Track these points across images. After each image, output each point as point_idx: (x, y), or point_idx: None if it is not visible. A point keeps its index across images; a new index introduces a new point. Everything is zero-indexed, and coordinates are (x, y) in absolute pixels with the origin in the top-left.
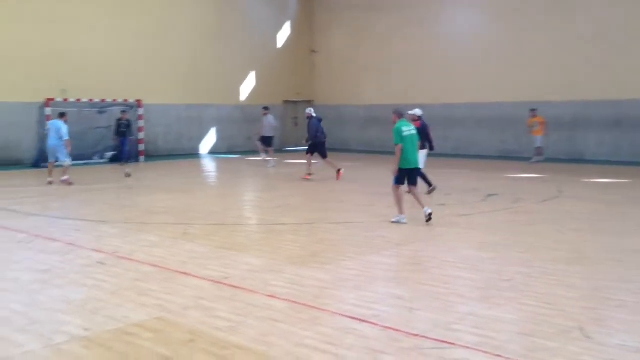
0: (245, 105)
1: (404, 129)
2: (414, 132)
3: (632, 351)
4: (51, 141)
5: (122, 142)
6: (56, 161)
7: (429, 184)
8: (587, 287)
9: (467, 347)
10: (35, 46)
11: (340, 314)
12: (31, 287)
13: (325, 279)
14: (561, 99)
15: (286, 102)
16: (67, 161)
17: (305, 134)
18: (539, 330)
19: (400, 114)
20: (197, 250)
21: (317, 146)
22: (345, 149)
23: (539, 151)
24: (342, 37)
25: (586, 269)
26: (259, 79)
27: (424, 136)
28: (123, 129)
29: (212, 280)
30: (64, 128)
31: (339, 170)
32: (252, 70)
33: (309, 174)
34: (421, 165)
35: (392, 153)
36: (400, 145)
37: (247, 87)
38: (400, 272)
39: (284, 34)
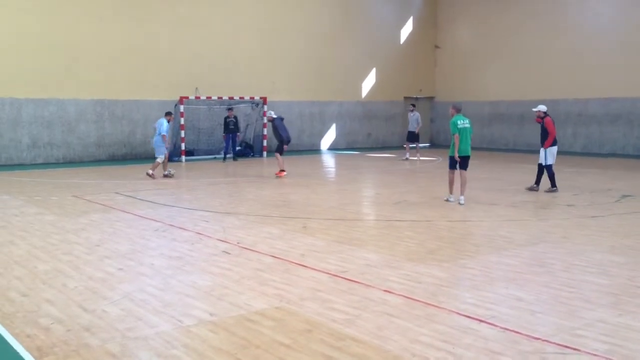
0: (365, 101)
1: (460, 122)
2: (468, 125)
3: None
4: (155, 137)
5: (229, 138)
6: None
7: (554, 184)
8: None
9: (594, 354)
10: (171, 48)
11: (457, 313)
12: (165, 272)
13: (442, 276)
14: None
15: (407, 98)
16: (160, 157)
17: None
18: None
19: (458, 109)
20: (316, 243)
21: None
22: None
23: None
24: (466, 31)
25: None
26: (379, 75)
27: (546, 132)
28: (232, 127)
29: (329, 273)
30: (164, 125)
31: (281, 171)
32: (373, 66)
33: (282, 171)
34: (552, 161)
35: (516, 150)
36: (456, 135)
37: (368, 83)
38: (522, 273)
39: (406, 29)
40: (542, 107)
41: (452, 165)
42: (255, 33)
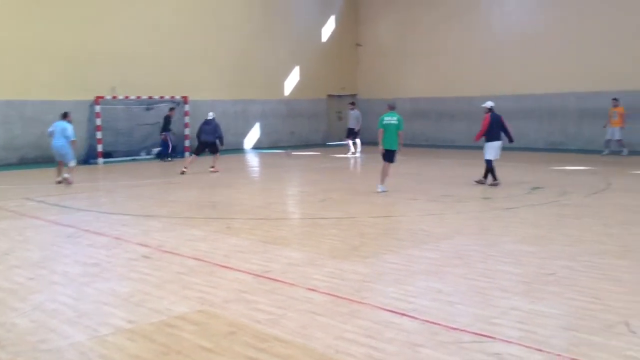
0: (289, 100)
1: (386, 118)
2: (395, 122)
3: None
4: (57, 142)
5: (169, 138)
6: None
7: (495, 177)
8: (633, 281)
9: (508, 342)
10: (86, 46)
11: (380, 308)
12: (80, 280)
13: (365, 272)
14: (611, 89)
15: (330, 96)
16: (72, 162)
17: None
18: (582, 324)
19: (390, 107)
20: (240, 244)
21: (203, 144)
22: None
23: (620, 143)
24: (387, 30)
25: (633, 262)
26: (303, 73)
27: (498, 128)
28: (171, 126)
29: (253, 274)
30: (69, 128)
31: (184, 171)
32: (296, 65)
33: (212, 167)
34: (496, 156)
35: (436, 146)
36: (380, 130)
37: (291, 82)
38: (442, 266)
39: (328, 28)
40: (486, 104)
41: (384, 157)
42: (175, 31)
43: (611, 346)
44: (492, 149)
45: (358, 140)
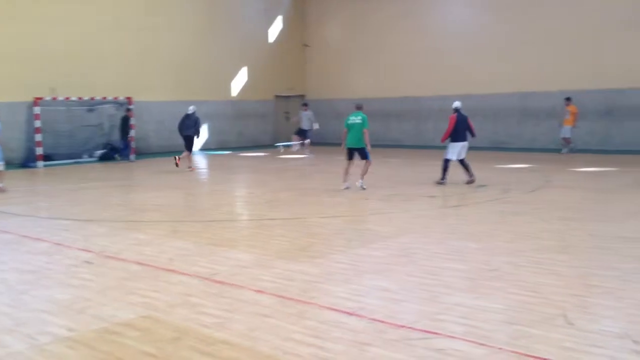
0: (236, 100)
1: (351, 118)
2: (358, 121)
3: (614, 336)
4: None
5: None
6: None
7: (470, 174)
8: (572, 274)
9: (453, 337)
10: (24, 45)
11: (327, 308)
12: (18, 288)
13: (314, 272)
14: (551, 89)
15: (278, 97)
16: (2, 165)
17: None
18: (523, 318)
19: (356, 107)
20: (187, 247)
21: (185, 139)
22: (338, 143)
23: (566, 141)
24: (334, 30)
25: (572, 257)
26: (250, 74)
27: (464, 128)
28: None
29: (200, 277)
30: None
31: (177, 162)
32: (243, 65)
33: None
34: (462, 156)
35: (384, 146)
36: (344, 130)
37: (239, 82)
38: (389, 264)
39: (275, 28)
40: (454, 104)
41: (347, 156)
42: (118, 30)
43: (550, 338)
44: (455, 149)
45: (308, 141)
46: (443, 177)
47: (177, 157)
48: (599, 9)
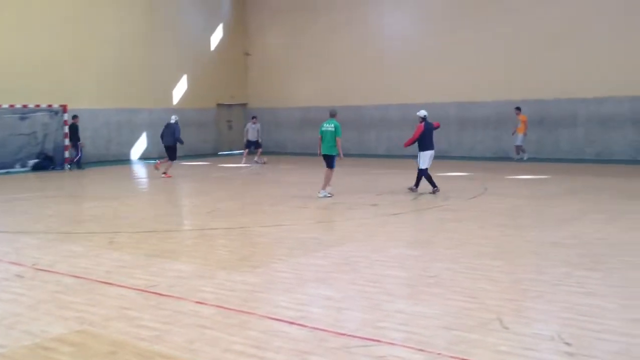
0: (177, 108)
1: (325, 125)
2: (331, 129)
3: (545, 339)
4: None
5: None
6: None
7: (434, 185)
8: (507, 280)
9: (393, 344)
10: None
11: (269, 317)
12: None
13: (255, 282)
14: (488, 99)
15: (220, 105)
16: None
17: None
18: (461, 323)
19: (330, 114)
20: (124, 259)
21: (165, 148)
22: (281, 152)
23: (518, 149)
24: (276, 38)
25: (507, 262)
26: (191, 82)
27: (431, 136)
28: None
29: (137, 289)
30: None
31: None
32: (184, 73)
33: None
34: (427, 165)
35: None
36: (319, 137)
37: (180, 90)
38: (331, 272)
39: (216, 36)
40: (420, 112)
41: (327, 164)
42: (54, 36)
43: (486, 342)
44: (426, 158)
45: (260, 150)
46: (434, 185)
47: (157, 162)
48: (533, 23)
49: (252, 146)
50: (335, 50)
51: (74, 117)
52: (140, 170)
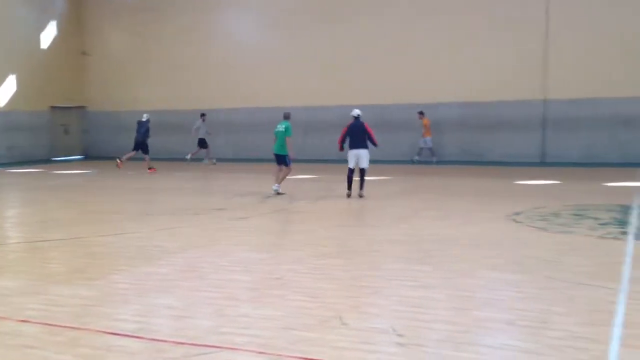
0: (5, 111)
1: (278, 126)
2: (282, 130)
3: (381, 332)
4: None
5: None
6: None
7: (349, 187)
8: (347, 277)
9: (234, 349)
10: None
11: (103, 332)
12: None
13: (90, 295)
14: (332, 104)
15: (54, 107)
16: None
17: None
18: (301, 322)
19: (285, 116)
20: None
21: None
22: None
23: (420, 151)
24: (118, 39)
25: (347, 261)
26: (21, 82)
27: (358, 136)
28: None
29: None
30: None
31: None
32: (11, 73)
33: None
34: (362, 165)
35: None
36: (274, 137)
37: (7, 91)
38: (174, 280)
39: (49, 34)
40: (352, 112)
41: (276, 161)
42: None
43: (326, 340)
44: (350, 157)
45: (209, 148)
46: (348, 188)
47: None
48: (374, 31)
49: (204, 144)
50: (182, 53)
51: None
52: None
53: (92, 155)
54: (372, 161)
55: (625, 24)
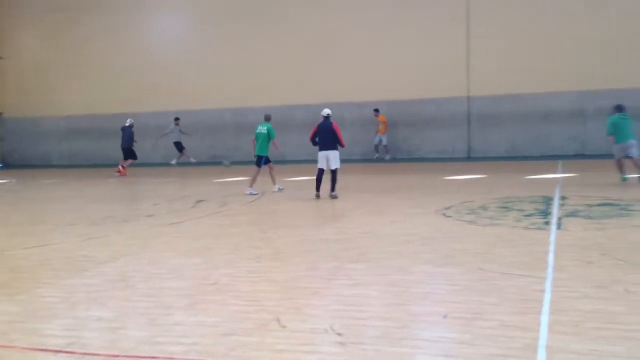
0: None
1: (259, 128)
2: (264, 131)
3: (320, 332)
4: None
5: None
6: None
7: (317, 188)
8: (284, 279)
9: (171, 358)
10: None
11: (32, 349)
12: None
13: (16, 311)
14: (259, 104)
15: None
16: None
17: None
18: (240, 327)
19: (266, 118)
20: None
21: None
22: (45, 165)
23: (377, 148)
24: (35, 43)
25: (284, 262)
26: None
27: (326, 136)
28: None
29: None
30: None
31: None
32: None
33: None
34: (332, 166)
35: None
36: (253, 138)
37: None
38: (104, 291)
39: None
40: (324, 111)
41: (256, 163)
42: None
43: (265, 343)
44: (319, 158)
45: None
46: (316, 189)
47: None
48: (302, 31)
49: (181, 147)
50: (100, 57)
51: None
52: None
53: (10, 163)
54: (306, 160)
55: (543, 22)
